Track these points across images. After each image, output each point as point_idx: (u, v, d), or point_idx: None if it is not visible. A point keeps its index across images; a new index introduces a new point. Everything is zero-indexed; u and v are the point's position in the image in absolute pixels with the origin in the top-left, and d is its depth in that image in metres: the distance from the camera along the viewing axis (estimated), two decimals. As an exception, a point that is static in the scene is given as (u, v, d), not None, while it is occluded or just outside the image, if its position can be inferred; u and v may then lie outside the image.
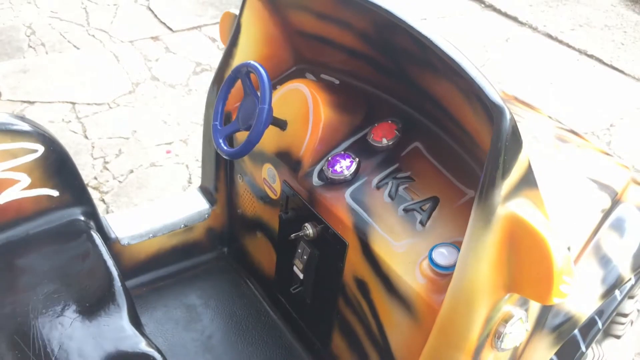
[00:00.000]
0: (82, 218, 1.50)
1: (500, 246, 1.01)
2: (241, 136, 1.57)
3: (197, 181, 2.63)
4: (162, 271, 1.75)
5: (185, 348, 1.60)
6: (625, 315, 1.47)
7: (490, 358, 1.13)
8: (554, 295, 0.98)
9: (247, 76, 1.39)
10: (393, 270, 1.21)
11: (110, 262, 1.41)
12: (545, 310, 1.22)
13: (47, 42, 3.66)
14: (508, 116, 0.97)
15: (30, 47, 3.60)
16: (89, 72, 3.39)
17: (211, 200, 1.80)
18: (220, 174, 1.76)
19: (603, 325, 1.30)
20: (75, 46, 3.65)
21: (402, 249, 1.22)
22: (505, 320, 1.09)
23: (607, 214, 1.33)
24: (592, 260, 1.29)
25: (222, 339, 1.62)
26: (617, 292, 1.30)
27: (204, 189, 1.85)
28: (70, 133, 2.92)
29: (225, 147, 1.39)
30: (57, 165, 1.43)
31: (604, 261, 1.29)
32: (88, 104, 3.12)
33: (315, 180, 1.39)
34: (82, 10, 4.07)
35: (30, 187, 1.40)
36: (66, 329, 1.23)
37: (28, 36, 3.71)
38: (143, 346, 1.21)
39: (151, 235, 1.67)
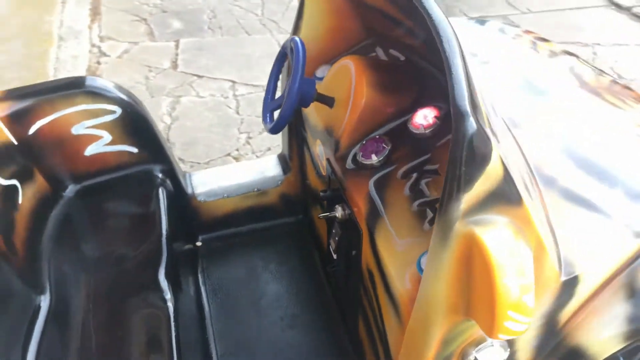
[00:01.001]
0: (160, 174, 1.69)
1: (457, 265, 0.94)
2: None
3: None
4: (234, 230, 1.88)
5: (235, 302, 1.71)
6: None
7: None
8: (498, 330, 0.90)
9: (292, 52, 1.38)
10: (388, 269, 1.18)
11: (164, 219, 1.55)
12: (550, 339, 1.13)
13: (224, 26, 4.07)
14: (470, 123, 0.88)
15: (210, 28, 4.03)
16: (254, 56, 3.72)
17: (285, 168, 1.88)
18: (293, 143, 1.84)
19: None
20: (247, 32, 4.01)
21: (402, 247, 1.17)
22: (475, 343, 1.03)
23: None
24: (619, 292, 1.14)
25: (270, 302, 1.71)
26: None
27: (280, 157, 1.92)
28: (225, 107, 3.24)
29: (267, 121, 1.44)
30: (135, 126, 1.62)
31: (635, 294, 1.14)
32: (246, 84, 3.44)
33: (348, 162, 1.39)
34: (260, 1, 4.45)
35: (111, 143, 1.62)
36: (113, 273, 1.42)
37: (210, 19, 4.15)
38: (166, 302, 1.35)
39: (226, 195, 1.81)
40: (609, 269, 1.10)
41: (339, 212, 1.38)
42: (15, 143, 1.47)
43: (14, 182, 1.42)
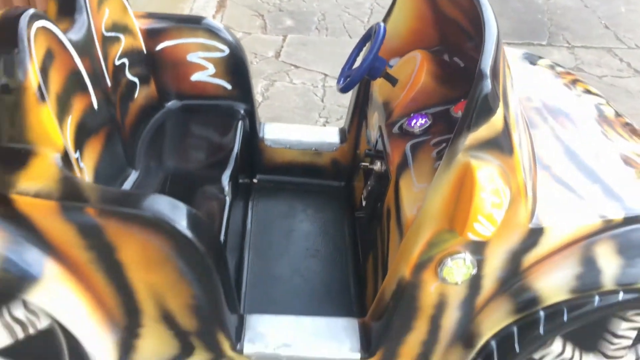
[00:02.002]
0: (242, 112, 2.01)
1: (453, 185, 1.19)
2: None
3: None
4: (286, 178, 2.16)
5: (272, 228, 1.99)
6: (615, 335, 1.41)
7: (434, 286, 1.33)
8: (468, 229, 1.15)
9: (374, 33, 1.67)
10: (403, 203, 1.43)
11: (237, 144, 1.84)
12: (511, 276, 1.34)
13: (330, 28, 4.43)
14: (487, 82, 1.15)
15: (317, 29, 4.42)
16: (350, 57, 4.04)
17: (342, 139, 2.14)
18: (355, 118, 2.10)
19: (570, 321, 1.33)
20: (349, 35, 4.35)
21: (418, 189, 1.42)
22: (450, 254, 1.26)
23: (614, 225, 1.35)
24: (575, 255, 1.34)
25: (300, 235, 1.98)
26: (596, 298, 1.32)
27: (341, 130, 2.20)
28: (312, 94, 3.58)
29: (340, 83, 1.73)
30: (235, 68, 1.95)
31: (588, 261, 1.33)
32: (336, 77, 3.76)
33: (395, 129, 1.66)
34: (369, 10, 4.78)
35: (213, 75, 1.96)
36: (187, 169, 1.73)
37: (319, 21, 4.54)
38: (225, 196, 1.64)
39: (288, 146, 2.10)
40: (570, 234, 1.33)
41: (377, 165, 1.68)
42: (145, 52, 1.86)
43: (136, 79, 1.82)
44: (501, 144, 1.20)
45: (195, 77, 1.97)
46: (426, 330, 1.42)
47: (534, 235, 1.31)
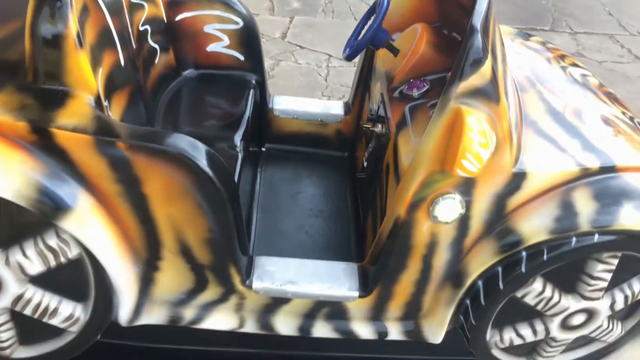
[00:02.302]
0: (253, 82, 2.13)
1: (445, 130, 1.32)
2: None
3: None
4: (293, 147, 2.28)
5: (279, 190, 2.11)
6: (591, 277, 1.53)
7: (426, 225, 1.45)
8: (457, 166, 1.28)
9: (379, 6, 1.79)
10: (401, 155, 1.56)
11: (248, 110, 1.97)
12: (496, 218, 1.46)
13: (337, 11, 4.52)
14: (477, 35, 1.27)
15: (323, 11, 4.51)
16: (355, 39, 4.13)
17: (346, 111, 2.26)
18: (359, 91, 2.22)
19: (549, 260, 1.45)
20: (355, 18, 4.43)
21: (414, 142, 1.56)
22: (442, 194, 1.39)
23: (590, 174, 1.47)
24: (554, 200, 1.46)
25: (305, 197, 2.11)
26: (573, 239, 1.44)
27: (345, 103, 2.31)
28: (316, 74, 3.68)
29: (346, 52, 1.85)
30: (248, 40, 2.07)
31: (566, 205, 1.45)
32: (340, 59, 3.86)
33: (395, 94, 1.78)
34: (375, -6, 4.86)
35: (228, 47, 2.07)
36: (202, 130, 1.85)
37: (325, 3, 4.63)
38: (237, 153, 1.76)
39: (295, 116, 2.22)
40: (550, 180, 1.46)
41: (378, 127, 1.79)
42: (165, 21, 1.99)
43: (156, 46, 1.94)
44: (489, 93, 1.33)
45: (211, 47, 2.09)
46: (419, 269, 1.55)
47: (517, 179, 1.43)
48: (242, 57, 2.11)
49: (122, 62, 1.64)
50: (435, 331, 1.62)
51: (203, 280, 1.57)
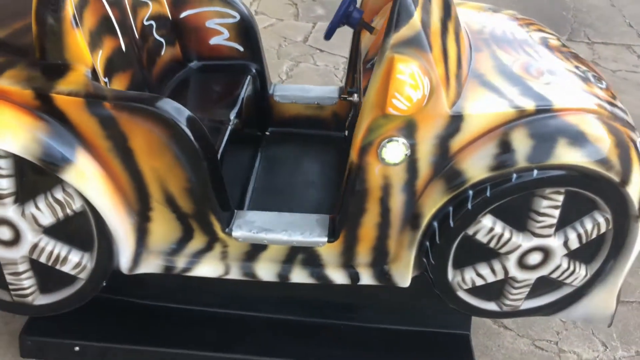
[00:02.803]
0: (254, 70, 2.32)
1: (383, 77, 1.48)
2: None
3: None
4: (293, 130, 2.43)
5: (278, 163, 2.28)
6: (538, 213, 1.63)
7: (377, 168, 1.61)
8: (389, 105, 1.46)
9: None
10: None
11: (243, 92, 2.15)
12: (442, 160, 1.61)
13: (358, 17, 4.71)
14: None
15: (345, 17, 4.70)
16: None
17: (340, 93, 2.40)
18: (350, 74, 2.36)
19: (493, 197, 1.58)
20: (375, 25, 4.62)
21: None
22: (387, 137, 1.55)
23: (527, 115, 1.59)
24: (494, 140, 1.59)
25: (300, 170, 2.27)
26: (513, 175, 1.56)
27: (339, 88, 2.47)
28: (332, 75, 3.86)
29: (325, 34, 2.04)
30: (246, 32, 2.26)
31: (504, 144, 1.58)
32: (357, 62, 4.03)
33: (368, 65, 1.92)
34: (397, 2, 5.03)
35: (228, 39, 2.27)
36: (202, 111, 2.04)
37: (348, 10, 4.82)
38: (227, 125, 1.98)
39: (294, 101, 2.38)
40: (488, 122, 1.60)
41: (354, 97, 1.96)
42: (170, 18, 2.20)
43: (162, 40, 2.16)
44: (419, 42, 1.49)
45: (213, 40, 2.29)
46: (378, 212, 1.69)
47: (456, 121, 1.57)
48: (241, 48, 2.31)
49: (124, 48, 1.85)
50: (403, 274, 1.75)
51: (189, 229, 1.75)
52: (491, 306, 1.83)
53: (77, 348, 1.95)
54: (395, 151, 1.57)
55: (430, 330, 2.04)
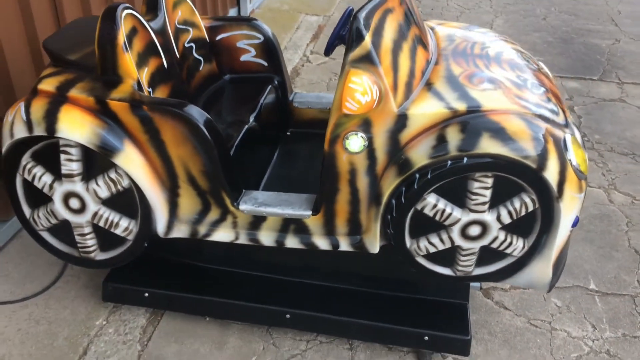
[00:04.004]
0: (276, 82, 2.79)
1: (341, 85, 1.89)
2: None
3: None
4: (310, 130, 2.84)
5: (289, 161, 2.66)
6: (472, 193, 1.96)
7: (345, 156, 2.02)
8: (343, 107, 1.88)
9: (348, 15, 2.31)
10: None
11: (261, 100, 2.59)
12: (395, 150, 1.99)
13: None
14: (358, 20, 1.85)
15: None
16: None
17: None
18: None
19: (432, 179, 1.93)
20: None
21: None
22: (350, 132, 1.96)
23: (459, 114, 1.94)
24: (433, 135, 1.95)
25: (312, 164, 2.62)
26: (448, 162, 1.91)
27: None
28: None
29: (325, 49, 2.39)
30: (269, 50, 2.74)
31: (440, 137, 1.93)
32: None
33: None
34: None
35: (255, 56, 2.76)
36: (223, 108, 2.54)
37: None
38: (246, 124, 2.43)
39: (309, 106, 2.82)
40: (427, 120, 1.97)
41: None
42: (208, 40, 2.74)
43: (200, 58, 2.68)
44: (371, 59, 1.87)
45: (243, 57, 2.80)
46: (348, 191, 2.09)
47: (402, 119, 1.95)
48: (266, 63, 2.80)
49: (166, 65, 2.38)
50: (372, 243, 2.14)
51: (207, 203, 2.21)
52: (447, 271, 2.18)
53: (146, 294, 2.45)
54: (355, 142, 1.98)
55: (431, 298, 2.41)
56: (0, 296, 2.61)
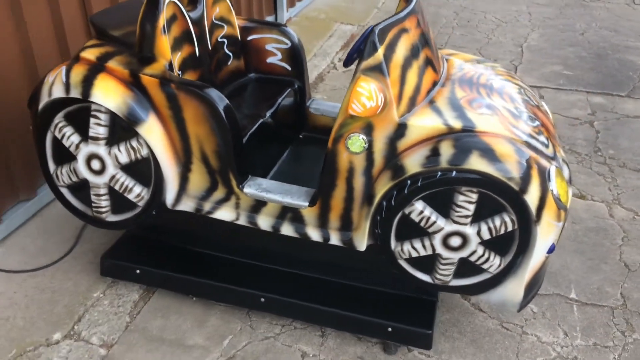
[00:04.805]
0: (296, 86, 2.96)
1: (351, 89, 2.04)
2: None
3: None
4: (322, 136, 2.95)
5: (299, 159, 2.82)
6: (456, 205, 2.07)
7: (345, 154, 2.15)
8: (349, 107, 2.02)
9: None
10: None
11: (279, 99, 2.78)
12: (391, 156, 2.11)
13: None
14: (373, 34, 2.00)
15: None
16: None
17: None
18: None
19: (422, 187, 2.04)
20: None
21: None
22: (352, 133, 2.09)
23: (455, 131, 2.06)
24: (428, 146, 2.06)
25: (318, 164, 2.65)
26: (438, 173, 2.02)
27: None
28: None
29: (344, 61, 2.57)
30: (294, 55, 2.91)
31: (434, 150, 2.05)
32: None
33: None
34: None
35: (280, 60, 2.93)
36: (244, 103, 2.73)
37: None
38: (265, 116, 2.63)
39: (324, 113, 2.97)
40: (425, 132, 2.10)
41: None
42: (239, 39, 2.94)
43: (230, 53, 2.88)
44: (381, 69, 2.02)
45: (269, 60, 2.98)
46: (344, 188, 2.22)
47: (402, 128, 2.08)
48: (289, 68, 2.98)
49: (197, 54, 2.58)
50: (360, 240, 2.26)
51: (215, 182, 2.39)
52: (426, 278, 2.28)
53: (138, 271, 2.66)
54: (357, 144, 2.12)
55: (400, 293, 2.51)
56: (15, 266, 2.89)
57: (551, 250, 2.14)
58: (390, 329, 2.39)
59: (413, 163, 2.08)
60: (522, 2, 7.20)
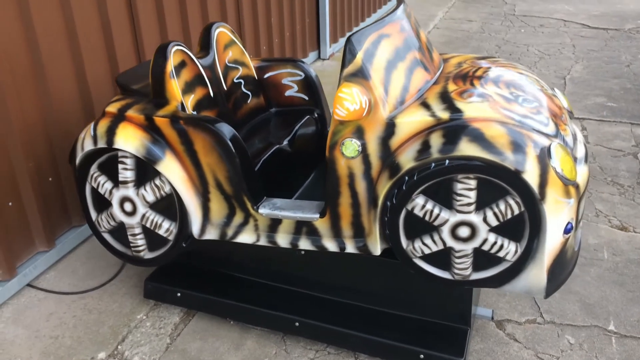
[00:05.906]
0: (316, 114, 3.06)
1: (337, 96, 2.12)
2: None
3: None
4: None
5: (319, 177, 2.89)
6: (457, 194, 2.06)
7: (343, 161, 2.21)
8: (334, 113, 2.10)
9: None
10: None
11: (296, 127, 2.87)
12: (386, 155, 2.16)
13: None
14: (351, 43, 2.09)
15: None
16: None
17: None
18: None
19: (419, 180, 2.07)
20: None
21: None
22: (345, 138, 2.16)
23: (443, 122, 2.08)
24: (419, 140, 2.09)
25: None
26: (432, 164, 2.04)
27: None
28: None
29: None
30: (309, 85, 3.03)
31: (425, 143, 2.08)
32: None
33: None
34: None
35: (297, 92, 3.06)
36: (262, 133, 2.85)
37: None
38: (283, 141, 2.73)
39: None
40: (414, 127, 2.14)
41: None
42: (256, 78, 3.11)
43: (249, 92, 3.04)
44: (363, 73, 2.09)
45: (287, 93, 3.12)
46: (349, 194, 2.27)
47: (391, 126, 2.13)
48: (307, 97, 3.11)
49: (212, 95, 2.74)
50: (374, 245, 2.29)
51: (232, 207, 2.49)
52: (445, 274, 2.27)
53: (179, 294, 2.78)
54: (350, 148, 2.19)
55: (433, 320, 2.52)
56: (65, 288, 3.05)
57: (568, 230, 2.08)
58: (422, 356, 2.40)
59: (407, 159, 2.11)
60: (567, 35, 7.19)
